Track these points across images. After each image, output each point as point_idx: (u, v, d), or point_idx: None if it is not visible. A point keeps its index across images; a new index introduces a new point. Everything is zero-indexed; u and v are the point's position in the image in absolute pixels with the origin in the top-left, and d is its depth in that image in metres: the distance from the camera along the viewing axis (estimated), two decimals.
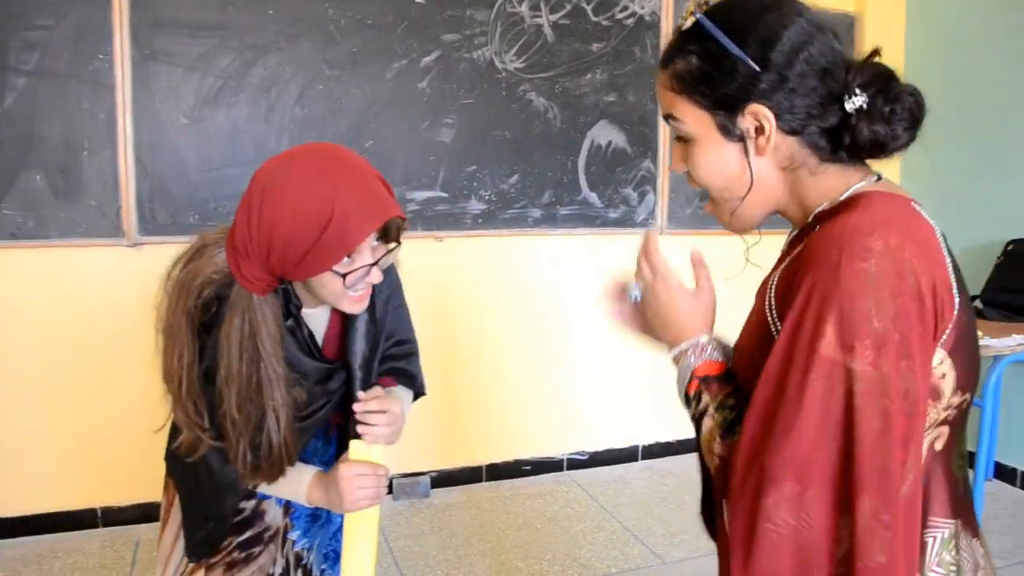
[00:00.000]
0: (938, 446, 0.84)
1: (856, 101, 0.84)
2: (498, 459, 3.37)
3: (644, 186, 3.33)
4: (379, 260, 1.20)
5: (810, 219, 0.90)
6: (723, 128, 0.89)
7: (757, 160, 0.89)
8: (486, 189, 3.10)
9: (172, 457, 1.36)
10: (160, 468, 1.43)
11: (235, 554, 1.39)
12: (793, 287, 0.81)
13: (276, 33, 2.79)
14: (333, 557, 1.52)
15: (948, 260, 0.83)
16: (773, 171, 0.90)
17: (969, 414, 0.89)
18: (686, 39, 0.89)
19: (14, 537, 2.78)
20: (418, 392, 1.54)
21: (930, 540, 0.85)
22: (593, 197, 3.26)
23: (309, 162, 1.16)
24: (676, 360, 0.99)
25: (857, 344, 0.75)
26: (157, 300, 1.25)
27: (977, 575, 0.87)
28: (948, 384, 0.82)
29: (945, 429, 0.84)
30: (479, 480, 3.35)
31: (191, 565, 1.40)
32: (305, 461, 1.38)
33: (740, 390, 0.93)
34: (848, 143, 0.86)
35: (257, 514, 1.41)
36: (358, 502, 1.29)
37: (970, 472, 2.42)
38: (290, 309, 1.28)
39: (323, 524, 1.49)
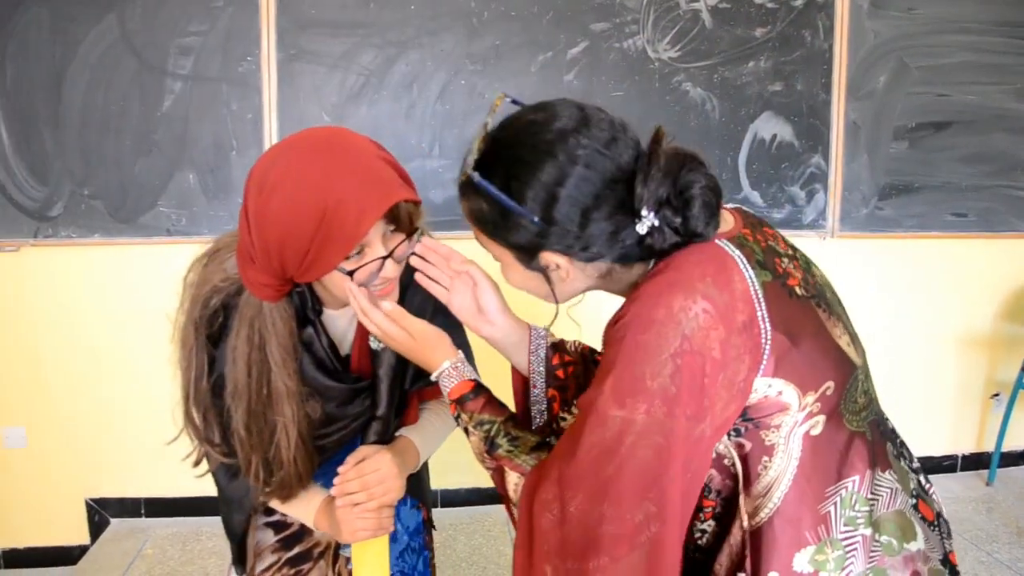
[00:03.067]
0: (815, 431, 0.91)
1: (645, 224, 0.88)
2: None
3: (813, 184, 3.00)
4: (393, 251, 1.08)
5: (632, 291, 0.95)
6: (524, 262, 0.95)
7: (563, 282, 0.96)
8: None
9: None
10: None
11: (284, 570, 1.33)
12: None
13: (418, 28, 2.72)
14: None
15: (756, 287, 0.87)
16: (584, 283, 0.98)
17: (851, 385, 0.94)
18: (473, 186, 0.92)
19: (168, 516, 2.89)
20: None
21: (831, 509, 0.91)
22: (755, 196, 2.97)
23: (300, 151, 1.05)
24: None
25: (629, 399, 0.84)
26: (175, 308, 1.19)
27: (897, 501, 0.94)
28: (790, 395, 0.88)
29: (819, 417, 0.90)
30: None
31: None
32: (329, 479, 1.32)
33: (494, 400, 1.07)
34: (648, 254, 0.92)
35: (305, 529, 1.35)
36: (356, 533, 1.22)
37: None
38: (307, 315, 1.19)
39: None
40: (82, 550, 2.81)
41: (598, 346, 1.01)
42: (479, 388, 1.08)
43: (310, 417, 1.20)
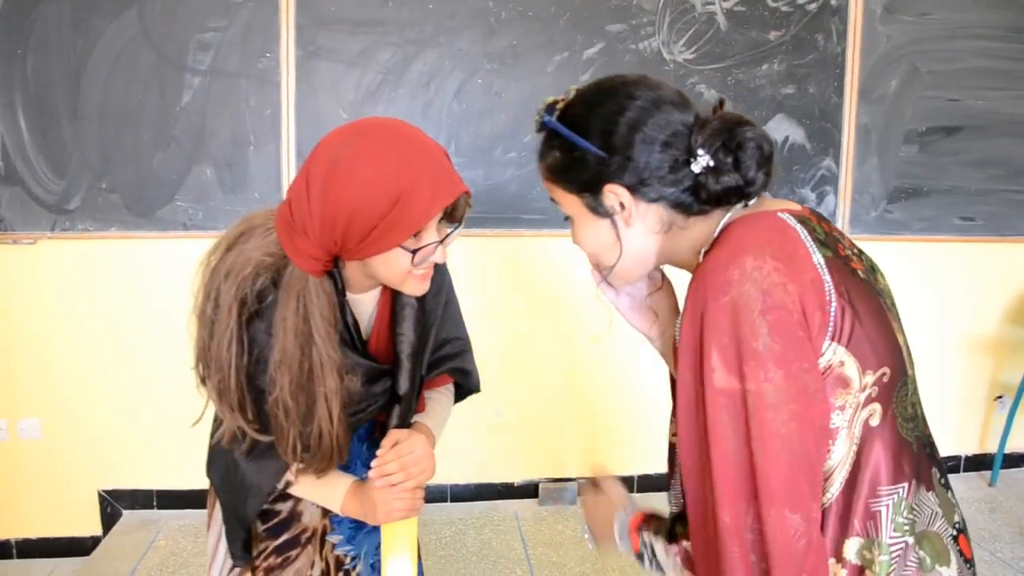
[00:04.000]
0: (873, 422, 0.91)
1: (700, 162, 0.94)
2: (651, 470, 3.17)
3: (824, 186, 3.03)
4: (445, 238, 1.15)
5: (699, 262, 0.97)
6: (592, 208, 1.00)
7: (628, 231, 1.00)
8: None
9: (211, 455, 1.34)
10: None
11: (271, 559, 1.37)
12: (680, 336, 0.91)
13: (436, 27, 2.74)
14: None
15: (819, 256, 0.91)
16: (647, 236, 1.01)
17: (903, 385, 0.95)
18: (547, 136, 1.02)
19: (179, 509, 2.92)
20: (473, 388, 1.51)
21: (882, 509, 0.91)
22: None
23: (379, 136, 1.10)
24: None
25: (745, 367, 0.84)
26: (193, 285, 1.20)
27: (936, 524, 0.95)
28: (851, 369, 0.89)
29: (876, 405, 0.91)
30: (630, 491, 3.14)
31: (236, 570, 1.39)
32: (345, 464, 1.35)
33: (649, 516, 1.09)
34: (705, 197, 0.95)
35: (294, 515, 1.38)
36: (392, 513, 1.25)
37: None
38: (337, 293, 1.22)
39: (369, 532, 1.41)
40: (94, 541, 2.83)
41: None
42: (647, 517, 1.10)
43: (349, 390, 1.22)
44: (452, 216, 1.14)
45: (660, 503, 1.10)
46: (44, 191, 2.64)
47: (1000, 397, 3.39)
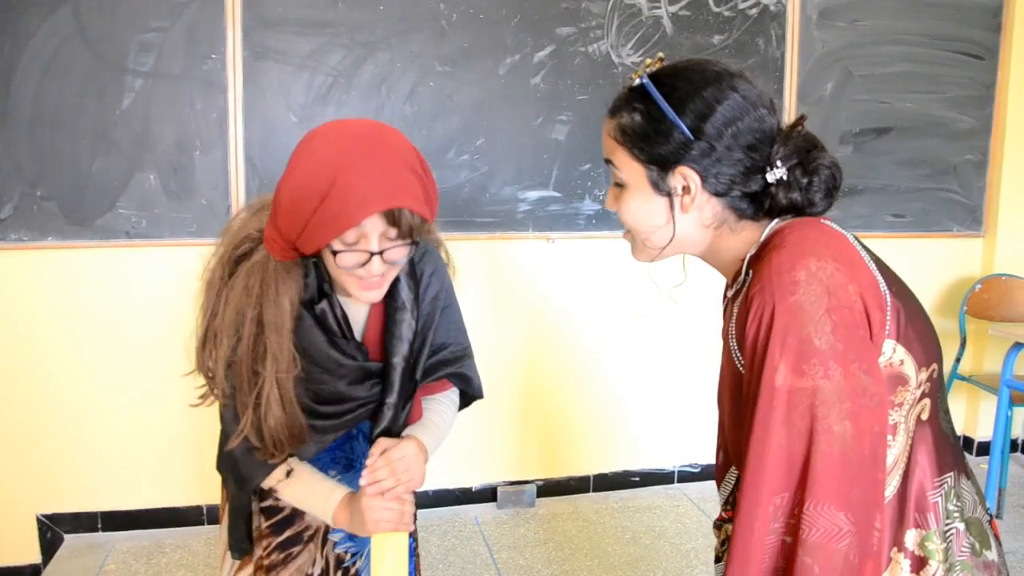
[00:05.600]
0: (924, 416, 0.95)
1: (776, 173, 0.96)
2: (606, 469, 3.21)
3: None
4: (383, 251, 1.11)
5: (744, 266, 1.00)
6: (654, 183, 0.99)
7: (682, 216, 1.00)
8: (601, 189, 2.95)
9: (220, 447, 1.34)
10: None
11: (274, 556, 1.37)
12: (744, 336, 0.92)
13: (387, 29, 2.71)
14: None
15: (867, 258, 0.94)
16: (696, 227, 1.01)
17: (942, 381, 0.99)
18: (634, 96, 1.00)
19: (127, 530, 2.79)
20: (475, 395, 1.49)
21: (938, 500, 0.95)
22: None
23: (338, 131, 1.12)
24: None
25: (805, 366, 0.86)
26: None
27: (976, 510, 1.00)
28: (909, 367, 0.92)
29: (927, 401, 0.95)
30: (586, 491, 3.20)
31: (236, 563, 1.41)
32: (350, 462, 1.38)
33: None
34: (768, 207, 0.98)
35: (296, 513, 1.38)
36: (380, 523, 1.24)
37: None
38: (323, 288, 1.24)
39: None
40: (34, 569, 2.68)
41: None
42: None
43: (297, 381, 1.23)
44: (402, 234, 1.11)
45: (616, 502, 1.09)
46: None
47: None
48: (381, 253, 1.12)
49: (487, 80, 2.81)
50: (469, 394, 1.49)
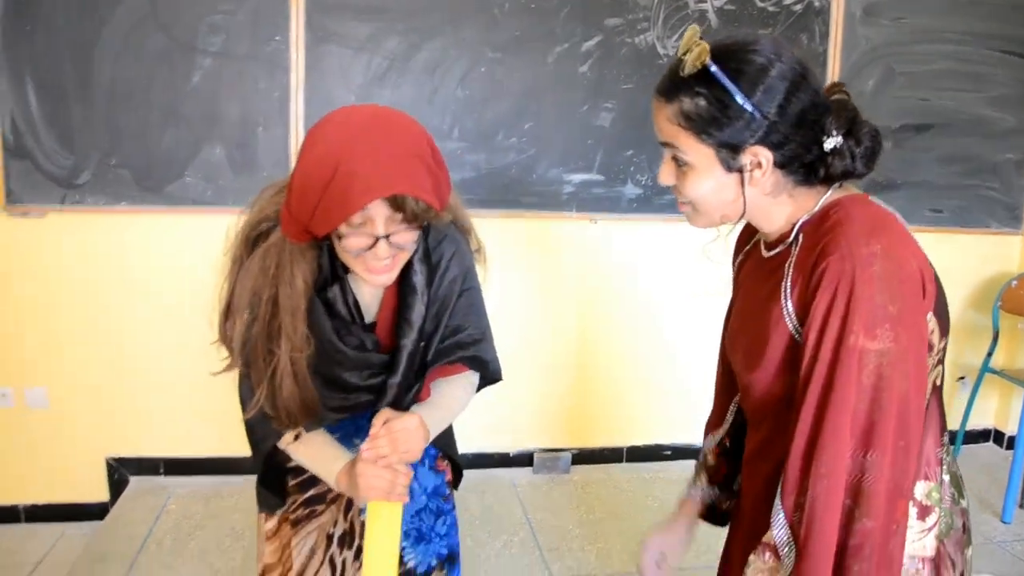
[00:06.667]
0: (938, 382, 1.07)
1: (832, 142, 1.02)
2: (639, 442, 3.36)
3: None
4: (389, 235, 1.14)
5: (795, 230, 1.07)
6: (724, 162, 1.03)
7: (749, 189, 1.05)
8: (642, 174, 3.06)
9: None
10: None
11: (299, 511, 1.44)
12: (814, 300, 0.99)
13: (441, 17, 2.84)
14: (414, 535, 1.49)
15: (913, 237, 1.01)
16: (759, 197, 1.07)
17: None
18: (694, 80, 1.01)
19: (186, 475, 3.02)
20: (492, 378, 1.49)
21: (943, 455, 1.08)
22: None
23: (348, 117, 1.15)
24: None
25: (879, 330, 0.95)
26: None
27: (954, 465, 1.13)
28: (936, 336, 1.03)
29: (940, 368, 1.06)
30: (619, 461, 3.35)
31: (264, 516, 1.47)
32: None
33: None
34: (823, 175, 1.05)
35: None
36: (371, 491, 1.26)
37: None
38: (336, 270, 1.27)
39: None
40: (101, 507, 2.92)
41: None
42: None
43: (309, 360, 1.25)
44: (407, 219, 1.14)
45: (647, 473, 1.21)
46: (53, 166, 2.70)
47: (962, 378, 3.62)
48: (387, 237, 1.14)
49: (536, 67, 2.93)
50: (485, 378, 1.49)
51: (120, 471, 2.97)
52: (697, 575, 2.49)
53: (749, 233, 1.29)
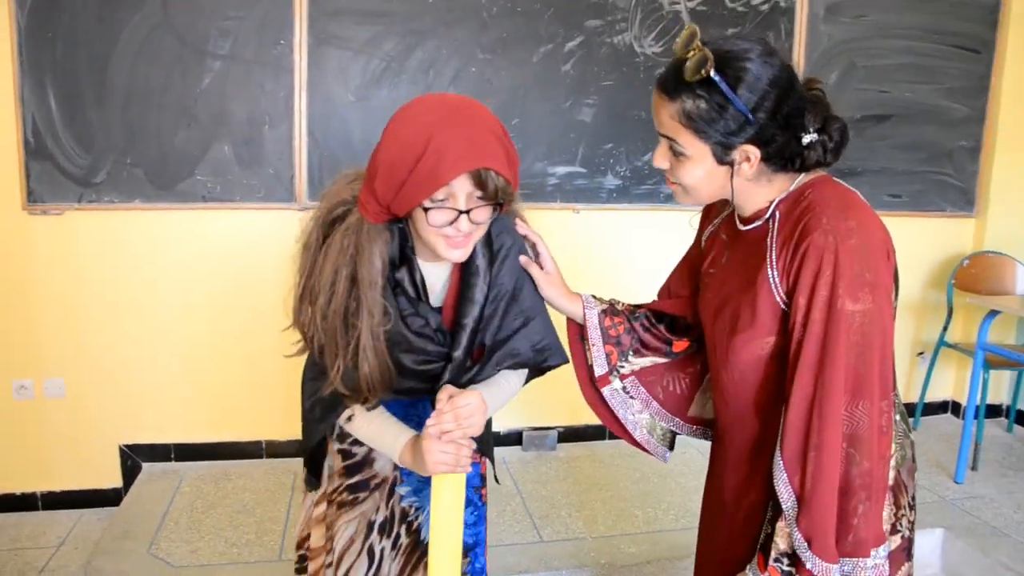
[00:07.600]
0: (895, 334, 1.19)
1: (809, 138, 1.17)
2: None
3: None
4: (470, 210, 1.21)
5: (771, 208, 1.21)
6: (718, 156, 1.17)
7: (739, 178, 1.20)
8: (621, 165, 3.27)
9: (302, 389, 1.47)
10: None
11: (344, 495, 1.49)
12: (801, 270, 1.13)
13: (435, 20, 3.03)
14: None
15: None
16: (742, 183, 1.21)
17: None
18: (696, 84, 1.12)
19: (196, 460, 3.17)
20: (554, 365, 1.52)
21: (895, 396, 1.23)
22: None
23: (433, 101, 1.24)
24: None
25: (859, 293, 1.10)
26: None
27: (899, 404, 1.28)
28: (892, 296, 1.17)
29: (895, 322, 1.18)
30: (602, 438, 3.54)
31: (312, 495, 1.55)
32: (420, 421, 1.39)
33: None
34: (799, 165, 1.19)
35: (367, 460, 1.49)
36: (436, 464, 1.30)
37: None
38: (406, 251, 1.32)
39: None
40: (116, 492, 3.06)
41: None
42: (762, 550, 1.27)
43: (389, 334, 1.31)
44: (488, 196, 1.21)
45: (629, 449, 1.35)
46: (72, 166, 2.85)
47: (921, 353, 3.87)
48: (468, 212, 1.20)
49: (522, 67, 3.13)
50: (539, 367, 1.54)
51: (133, 457, 3.11)
52: (674, 537, 2.72)
53: (718, 206, 1.42)
